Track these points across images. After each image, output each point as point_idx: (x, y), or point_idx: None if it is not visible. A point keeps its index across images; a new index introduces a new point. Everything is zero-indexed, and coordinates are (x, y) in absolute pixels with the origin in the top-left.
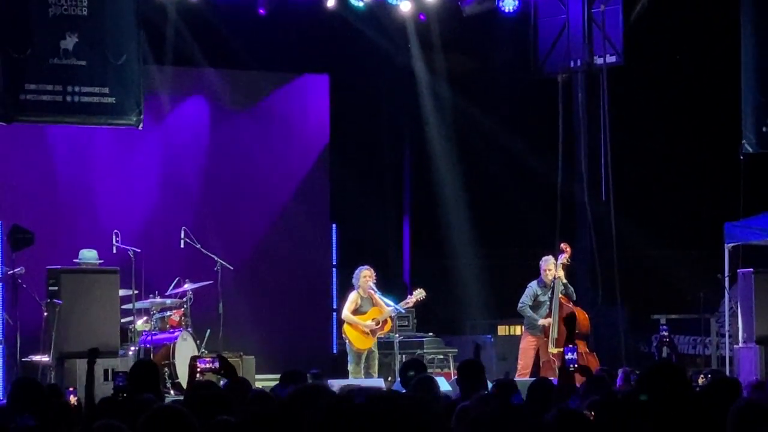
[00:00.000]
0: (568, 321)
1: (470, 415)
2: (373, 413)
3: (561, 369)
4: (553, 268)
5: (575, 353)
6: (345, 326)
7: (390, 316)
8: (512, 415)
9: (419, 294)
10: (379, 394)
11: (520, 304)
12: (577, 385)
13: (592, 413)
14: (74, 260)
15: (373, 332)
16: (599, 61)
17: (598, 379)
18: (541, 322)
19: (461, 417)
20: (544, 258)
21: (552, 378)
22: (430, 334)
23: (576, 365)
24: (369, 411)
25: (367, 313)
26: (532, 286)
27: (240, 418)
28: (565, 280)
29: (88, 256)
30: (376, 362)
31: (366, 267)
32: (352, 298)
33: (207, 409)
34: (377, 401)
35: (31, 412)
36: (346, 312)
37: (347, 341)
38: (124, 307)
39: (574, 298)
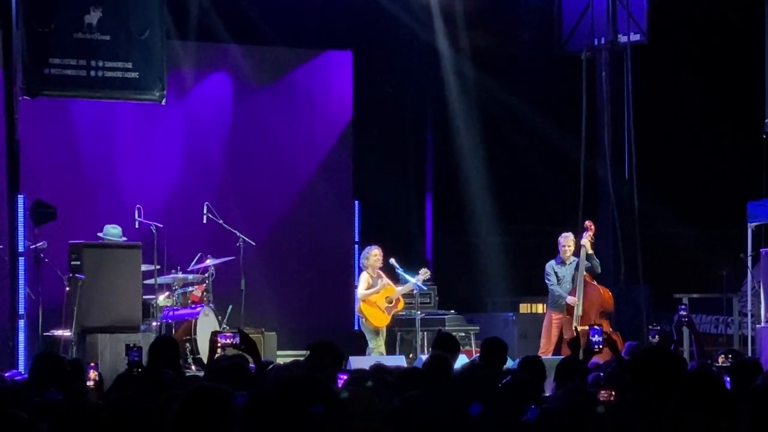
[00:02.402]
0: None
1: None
2: None
3: (583, 347)
4: (572, 244)
5: (600, 335)
6: (362, 305)
7: (409, 293)
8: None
9: (425, 274)
10: None
11: (549, 285)
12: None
13: (612, 393)
14: (98, 234)
15: (388, 309)
16: (623, 39)
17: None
18: (569, 300)
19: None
20: (563, 234)
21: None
22: (452, 311)
23: (600, 347)
24: None
25: (380, 292)
26: (551, 264)
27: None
28: (591, 251)
29: (113, 232)
30: (384, 339)
31: (375, 247)
32: (365, 278)
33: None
34: None
35: (54, 386)
36: (362, 291)
37: (364, 320)
38: (146, 282)
39: (599, 271)
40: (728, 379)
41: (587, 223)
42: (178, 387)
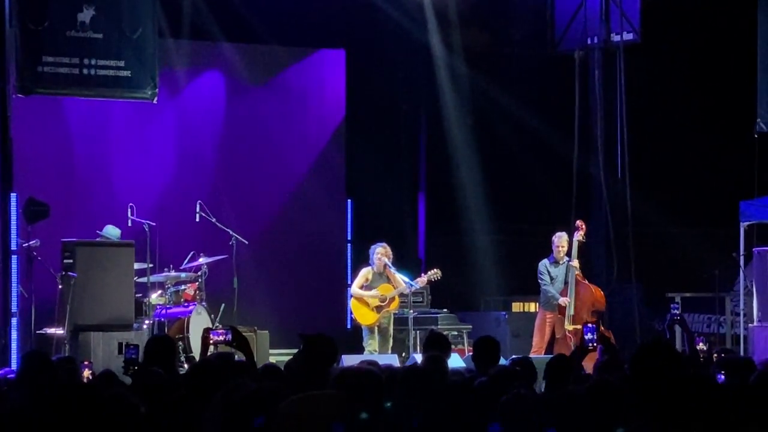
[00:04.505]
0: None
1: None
2: None
3: (577, 347)
4: (565, 244)
5: (594, 333)
6: (352, 301)
7: (403, 293)
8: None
9: (435, 274)
10: None
11: (542, 284)
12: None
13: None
14: (97, 231)
15: (378, 308)
16: (616, 38)
17: (612, 360)
18: (561, 300)
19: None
20: (557, 234)
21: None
22: (445, 310)
23: (594, 345)
24: None
25: (374, 289)
26: (544, 264)
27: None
28: (577, 266)
29: (113, 233)
30: (390, 339)
31: (381, 244)
32: (363, 273)
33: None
34: None
35: (41, 385)
36: (354, 287)
37: (353, 315)
38: (138, 280)
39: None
40: (722, 376)
41: (578, 222)
42: (169, 386)
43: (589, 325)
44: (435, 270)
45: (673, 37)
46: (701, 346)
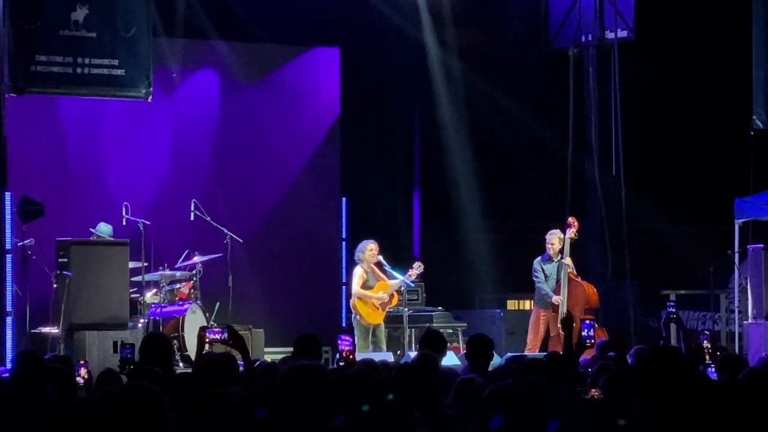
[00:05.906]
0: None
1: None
2: None
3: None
4: (557, 242)
5: (592, 329)
6: (356, 301)
7: (397, 290)
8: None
9: (418, 268)
10: None
11: (536, 282)
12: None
13: (599, 391)
14: (90, 229)
15: (383, 306)
16: (610, 35)
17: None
18: (554, 299)
19: (461, 389)
20: (550, 231)
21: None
22: (440, 308)
23: (592, 341)
24: None
25: (374, 287)
26: (538, 261)
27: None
28: (570, 263)
29: (104, 230)
30: (384, 336)
31: (371, 241)
32: (359, 273)
33: (216, 380)
34: None
35: (38, 385)
36: (357, 287)
37: (357, 316)
38: (133, 279)
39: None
40: (714, 372)
41: (570, 219)
42: (165, 384)
43: (587, 321)
44: (417, 264)
45: (668, 34)
46: (706, 343)
